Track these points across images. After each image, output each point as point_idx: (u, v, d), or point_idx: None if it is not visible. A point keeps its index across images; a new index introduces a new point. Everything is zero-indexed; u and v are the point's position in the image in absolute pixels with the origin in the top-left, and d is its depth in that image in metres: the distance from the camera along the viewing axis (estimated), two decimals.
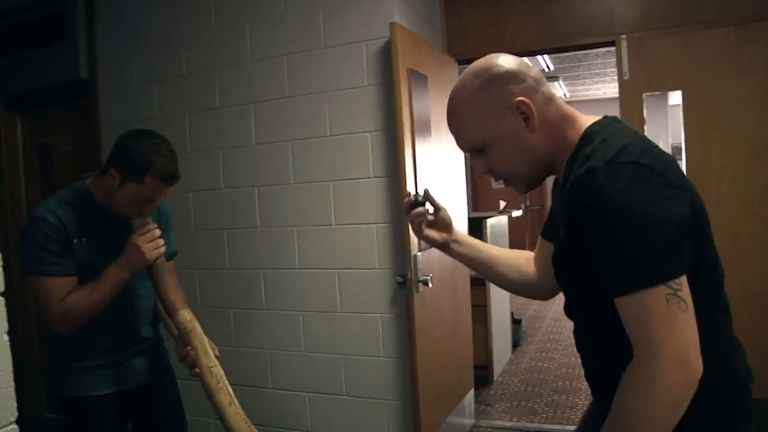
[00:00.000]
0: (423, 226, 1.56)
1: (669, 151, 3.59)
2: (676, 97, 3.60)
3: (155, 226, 1.97)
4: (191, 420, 2.37)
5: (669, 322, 1.03)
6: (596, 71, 8.23)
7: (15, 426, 1.02)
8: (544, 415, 3.99)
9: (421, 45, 3.13)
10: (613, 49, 3.50)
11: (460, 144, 1.30)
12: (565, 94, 9.93)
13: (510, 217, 5.91)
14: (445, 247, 1.59)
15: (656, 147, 1.16)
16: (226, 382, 1.92)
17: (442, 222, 1.58)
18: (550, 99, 1.25)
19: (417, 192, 1.57)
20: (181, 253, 2.35)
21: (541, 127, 1.24)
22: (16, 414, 1.03)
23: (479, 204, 10.24)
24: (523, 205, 10.43)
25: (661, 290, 1.03)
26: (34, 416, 3.98)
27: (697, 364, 1.03)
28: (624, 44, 3.34)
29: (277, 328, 3.29)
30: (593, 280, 1.13)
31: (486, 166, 1.29)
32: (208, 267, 3.44)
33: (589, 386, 1.38)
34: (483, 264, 1.60)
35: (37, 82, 3.98)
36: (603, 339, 1.23)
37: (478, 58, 1.28)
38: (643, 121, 3.35)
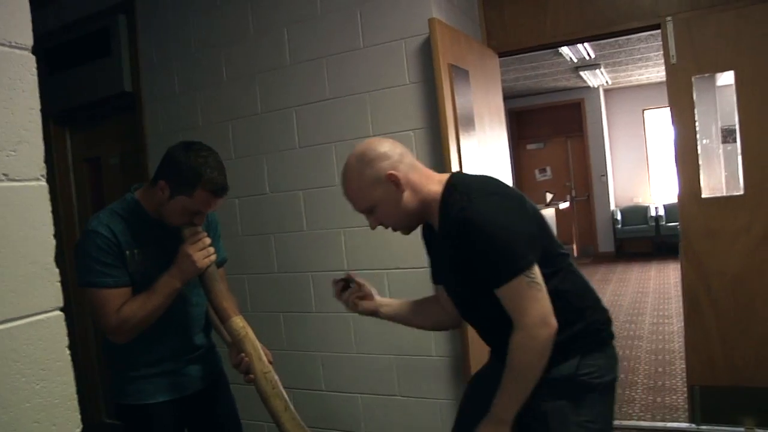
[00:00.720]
0: (355, 302, 1.94)
1: (720, 134, 3.50)
2: (724, 78, 3.48)
3: (205, 234, 1.98)
4: (246, 424, 2.38)
5: (531, 298, 1.57)
6: (638, 56, 8.04)
7: None
8: None
9: (461, 39, 3.09)
10: (657, 32, 3.40)
11: (356, 207, 1.74)
12: (607, 81, 9.74)
13: (557, 210, 5.82)
14: (375, 313, 1.98)
15: (500, 181, 1.76)
16: (281, 387, 1.92)
17: (368, 294, 1.97)
18: (413, 166, 1.74)
19: (344, 278, 1.95)
20: (230, 259, 2.36)
21: (408, 188, 1.70)
22: (81, 425, 1.04)
23: None
24: (568, 197, 10.27)
25: (522, 279, 1.57)
26: (94, 422, 4.08)
27: (552, 320, 1.58)
28: (670, 26, 3.24)
29: (328, 330, 3.29)
30: (478, 281, 1.65)
31: (377, 220, 1.74)
32: (257, 272, 3.46)
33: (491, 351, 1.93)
34: (407, 316, 2.03)
35: (84, 98, 4.08)
36: (493, 320, 1.70)
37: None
38: (692, 105, 3.24)
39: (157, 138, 3.73)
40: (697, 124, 3.25)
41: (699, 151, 3.25)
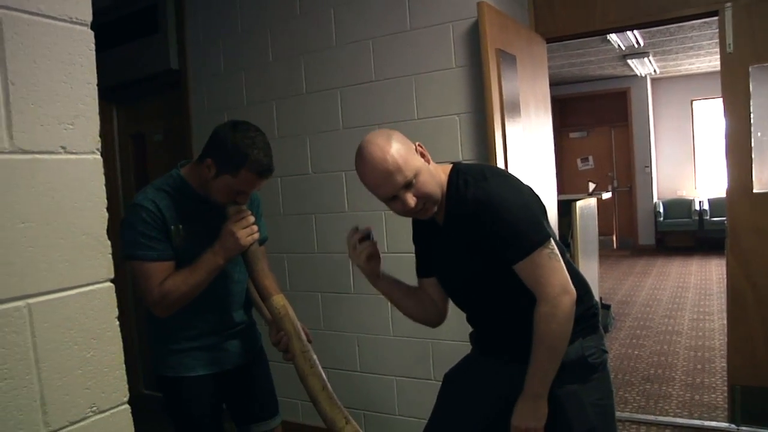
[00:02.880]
0: (365, 257, 1.85)
1: None
2: None
3: (250, 213, 1.99)
4: (282, 402, 2.40)
5: (552, 268, 1.62)
6: (690, 45, 7.83)
7: (127, 406, 1.06)
8: (635, 404, 3.85)
9: (509, 24, 3.05)
10: (712, 20, 3.29)
11: (399, 180, 1.63)
12: (654, 70, 9.51)
13: (599, 200, 5.73)
14: (375, 278, 1.91)
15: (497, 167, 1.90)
16: (319, 366, 1.93)
17: (377, 256, 1.88)
18: None
19: (365, 230, 1.87)
20: (271, 238, 2.38)
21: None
22: (128, 395, 1.07)
23: (566, 186, 10.00)
24: (610, 187, 10.11)
25: (543, 251, 1.61)
26: (132, 392, 4.17)
27: (572, 288, 1.63)
28: (728, 13, 3.13)
29: (365, 312, 3.31)
30: (493, 262, 1.67)
31: (418, 191, 1.65)
32: (297, 251, 3.49)
33: (486, 346, 1.94)
34: (402, 297, 1.98)
35: (131, 74, 4.13)
36: (499, 307, 1.79)
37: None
38: (748, 96, 3.14)
39: (201, 116, 3.77)
40: (752, 115, 3.14)
41: (752, 144, 3.15)
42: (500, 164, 2.81)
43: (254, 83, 3.59)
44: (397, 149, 1.63)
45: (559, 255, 1.66)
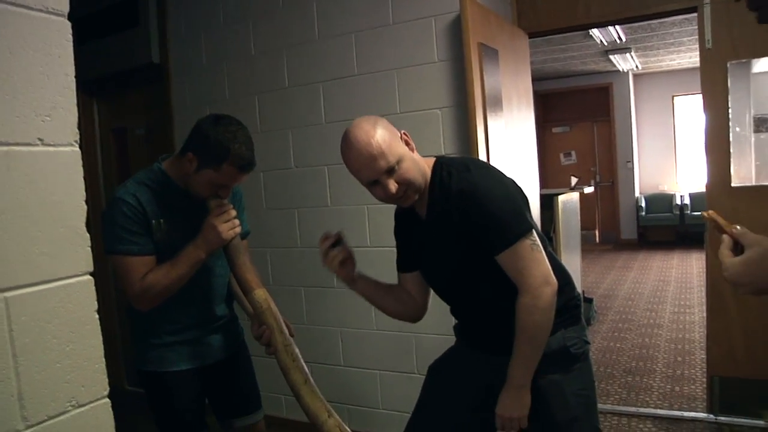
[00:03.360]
0: (337, 263, 1.84)
1: (752, 123, 3.42)
2: (760, 65, 3.40)
3: (231, 206, 1.98)
4: (265, 396, 2.41)
5: (534, 259, 1.64)
6: (671, 41, 7.88)
7: (107, 400, 1.06)
8: (617, 397, 3.89)
9: (491, 18, 3.05)
10: (692, 16, 3.32)
11: (382, 164, 1.64)
12: (636, 66, 9.57)
13: (581, 194, 5.77)
14: (352, 282, 1.90)
15: (480, 160, 1.87)
16: (301, 360, 1.93)
17: (351, 260, 1.88)
18: None
19: (336, 235, 1.87)
20: (253, 232, 2.37)
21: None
22: (108, 388, 1.06)
23: (549, 181, 10.04)
24: (593, 181, 10.17)
25: (526, 242, 1.64)
26: (115, 388, 4.14)
27: (554, 279, 1.65)
28: (707, 9, 3.16)
29: (348, 306, 3.31)
30: (477, 253, 1.69)
31: (400, 176, 1.66)
32: (280, 246, 3.48)
33: (471, 337, 1.96)
34: (380, 296, 1.97)
35: (112, 68, 4.10)
36: (483, 299, 1.80)
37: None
38: (726, 92, 3.17)
39: (183, 110, 3.75)
40: (729, 111, 3.18)
41: (731, 139, 3.19)
42: (482, 158, 2.82)
43: (237, 77, 3.57)
44: (381, 135, 1.66)
45: (541, 246, 1.69)
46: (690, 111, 9.98)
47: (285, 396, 3.24)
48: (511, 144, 3.22)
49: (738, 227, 1.08)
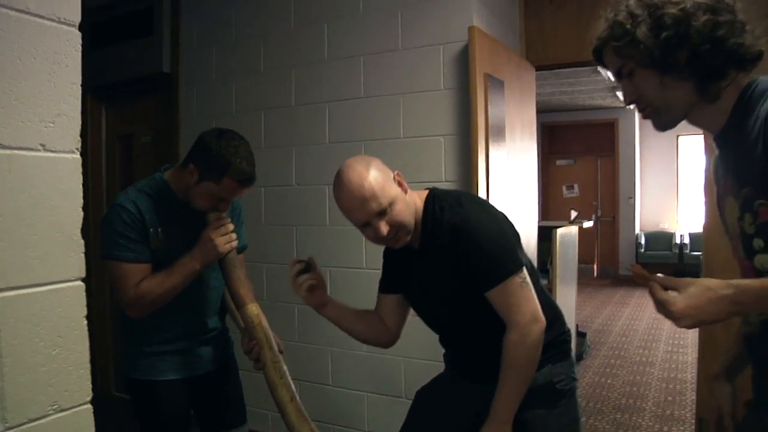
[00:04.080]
0: (306, 289, 1.85)
1: None
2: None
3: (229, 220, 2.01)
4: (251, 411, 2.40)
5: (524, 297, 1.66)
6: None
7: (89, 406, 1.06)
8: None
9: (499, 50, 3.09)
10: None
11: (374, 207, 1.65)
12: None
13: (581, 228, 5.78)
14: (322, 306, 1.92)
15: (473, 194, 1.93)
16: (289, 377, 1.93)
17: (322, 285, 1.89)
18: None
19: (306, 260, 1.88)
20: (251, 247, 2.38)
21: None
22: (91, 394, 1.07)
23: (551, 212, 10.05)
24: (594, 216, 10.18)
25: (515, 279, 1.65)
26: (103, 394, 4.14)
27: (542, 317, 1.67)
28: None
29: None
30: (466, 287, 1.70)
31: (392, 219, 1.68)
32: (277, 262, 3.49)
33: (459, 367, 1.97)
34: (350, 322, 1.98)
35: (123, 75, 4.14)
36: (472, 332, 1.82)
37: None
38: None
39: (190, 120, 3.78)
40: None
41: None
42: (482, 188, 2.84)
43: (244, 91, 3.61)
44: (374, 176, 1.67)
45: (531, 284, 1.70)
46: (693, 151, 10.02)
47: (271, 412, 3.23)
48: (512, 174, 3.24)
49: (661, 275, 1.17)
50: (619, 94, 8.60)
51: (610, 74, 1.44)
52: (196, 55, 3.80)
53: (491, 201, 2.88)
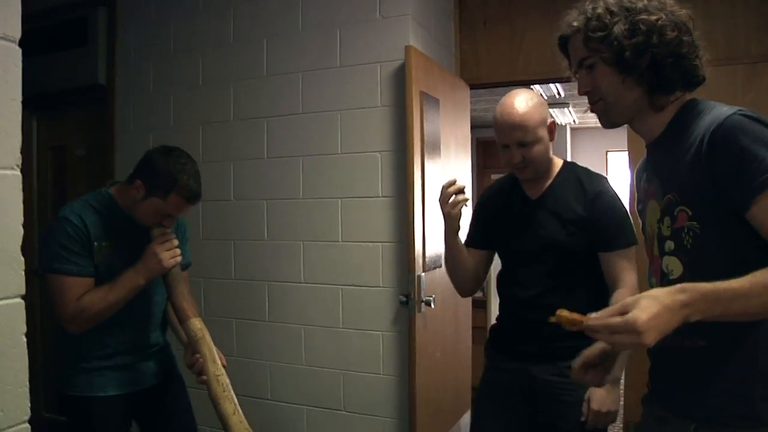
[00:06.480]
0: (460, 208, 1.97)
1: None
2: None
3: (174, 236, 2.03)
4: None
5: (634, 265, 1.93)
6: None
7: (27, 425, 1.06)
8: None
9: (434, 69, 3.18)
10: None
11: (518, 136, 1.90)
12: (574, 120, 9.95)
13: None
14: (456, 232, 2.04)
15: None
16: (232, 390, 1.95)
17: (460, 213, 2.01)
18: None
19: (462, 186, 1.97)
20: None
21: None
22: (29, 413, 1.06)
23: None
24: None
25: (634, 249, 1.94)
26: (34, 415, 3.99)
27: None
28: None
29: (279, 340, 3.31)
30: (577, 242, 1.94)
31: (528, 154, 1.92)
32: (214, 276, 3.47)
33: (512, 341, 2.09)
34: (466, 257, 2.12)
35: (56, 85, 4.02)
36: (559, 289, 1.95)
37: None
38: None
39: (126, 133, 3.73)
40: None
41: None
42: (418, 201, 2.91)
43: (182, 105, 3.59)
44: (531, 113, 1.90)
45: None
46: (622, 167, 10.41)
47: (213, 428, 3.18)
48: None
49: (594, 314, 1.11)
50: (552, 111, 8.88)
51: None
52: (133, 67, 3.75)
53: (426, 215, 2.95)
